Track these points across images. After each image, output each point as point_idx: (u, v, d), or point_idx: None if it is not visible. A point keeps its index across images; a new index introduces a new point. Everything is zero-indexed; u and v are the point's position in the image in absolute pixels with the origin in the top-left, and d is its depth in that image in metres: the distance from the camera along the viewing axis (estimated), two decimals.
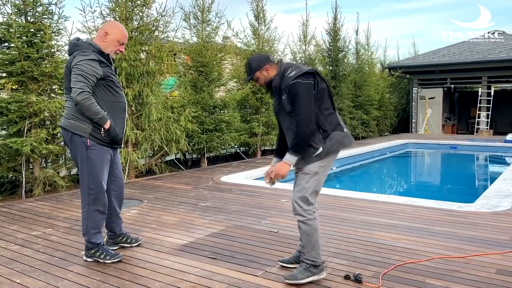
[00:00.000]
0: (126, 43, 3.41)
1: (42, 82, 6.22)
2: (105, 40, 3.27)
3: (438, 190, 8.26)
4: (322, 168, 2.85)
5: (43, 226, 4.31)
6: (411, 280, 2.91)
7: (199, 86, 9.01)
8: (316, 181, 2.84)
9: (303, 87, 2.71)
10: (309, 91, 2.71)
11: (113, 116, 3.25)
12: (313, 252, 2.84)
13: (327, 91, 2.86)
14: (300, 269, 2.87)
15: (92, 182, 3.19)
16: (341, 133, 2.84)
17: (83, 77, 3.05)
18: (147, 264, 3.26)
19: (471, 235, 3.88)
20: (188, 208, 5.00)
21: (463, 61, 16.07)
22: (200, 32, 9.26)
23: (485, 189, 6.74)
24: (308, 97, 2.71)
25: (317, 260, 2.85)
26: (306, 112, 2.70)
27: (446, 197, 6.79)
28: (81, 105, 3.05)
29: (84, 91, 3.04)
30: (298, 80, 2.71)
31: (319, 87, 2.78)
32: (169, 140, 7.86)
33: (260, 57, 2.95)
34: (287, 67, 2.86)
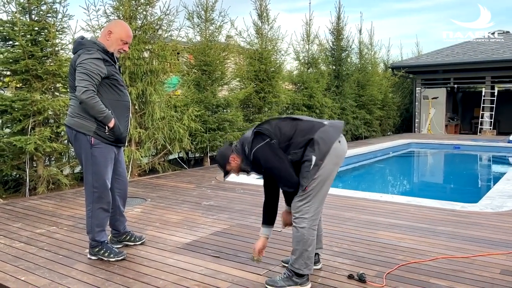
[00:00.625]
0: (130, 42, 3.42)
1: (46, 81, 6.24)
2: (108, 39, 3.28)
3: (441, 190, 8.24)
4: (320, 172, 2.68)
5: (47, 224, 4.32)
6: (415, 280, 2.91)
7: (202, 85, 9.02)
8: (316, 187, 2.70)
9: (262, 153, 2.67)
10: (267, 151, 2.66)
11: (117, 114, 3.25)
12: (300, 261, 2.71)
13: (279, 119, 2.82)
14: (283, 276, 2.79)
15: (96, 180, 3.20)
16: (322, 129, 2.71)
17: (88, 76, 3.06)
18: (151, 262, 3.27)
19: (475, 235, 3.88)
20: (191, 206, 5.00)
21: (466, 61, 16.03)
22: (204, 31, 9.26)
23: (489, 189, 6.73)
24: (272, 156, 2.66)
25: (303, 270, 2.72)
26: (281, 171, 2.67)
27: (449, 197, 6.77)
28: (85, 103, 3.06)
29: (89, 90, 3.05)
30: (253, 152, 2.69)
31: (272, 130, 2.73)
32: (172, 139, 7.87)
33: (219, 154, 2.93)
34: (243, 146, 2.82)
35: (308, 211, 2.71)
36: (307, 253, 2.70)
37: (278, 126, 2.75)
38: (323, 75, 12.43)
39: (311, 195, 2.70)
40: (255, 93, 10.17)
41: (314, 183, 2.68)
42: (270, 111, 10.41)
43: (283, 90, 10.88)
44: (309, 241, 2.69)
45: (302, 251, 2.70)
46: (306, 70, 12.43)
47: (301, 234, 2.70)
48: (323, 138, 2.67)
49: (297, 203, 2.75)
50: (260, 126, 2.78)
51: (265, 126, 2.77)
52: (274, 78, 10.40)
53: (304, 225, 2.70)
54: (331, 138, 2.69)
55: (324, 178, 2.69)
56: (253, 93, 10.10)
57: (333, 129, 2.75)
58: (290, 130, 2.73)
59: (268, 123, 2.80)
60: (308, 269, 2.73)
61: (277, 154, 2.67)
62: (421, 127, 17.61)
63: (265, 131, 2.72)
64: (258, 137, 2.72)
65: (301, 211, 2.72)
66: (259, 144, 2.68)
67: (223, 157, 2.88)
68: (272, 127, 2.75)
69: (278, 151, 2.67)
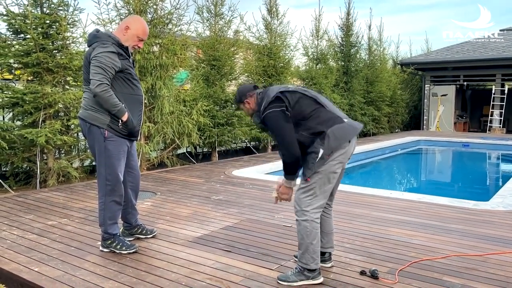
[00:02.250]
0: (145, 39, 3.41)
1: (57, 74, 6.26)
2: (125, 34, 3.27)
3: (451, 188, 8.20)
4: (325, 166, 2.67)
5: (58, 216, 4.35)
6: (428, 277, 2.90)
7: (211, 80, 9.01)
8: (320, 180, 2.69)
9: (272, 119, 2.68)
10: (279, 119, 2.66)
11: (131, 108, 3.26)
12: (306, 255, 2.71)
13: (305, 96, 2.76)
14: (294, 271, 2.78)
15: (109, 173, 3.21)
16: (339, 126, 2.68)
17: (102, 69, 3.06)
18: (162, 255, 3.28)
19: (487, 233, 3.85)
20: (201, 201, 5.01)
21: (477, 58, 15.87)
22: (213, 25, 9.25)
23: (499, 187, 6.68)
24: (281, 125, 2.66)
25: (310, 265, 2.71)
26: (284, 139, 2.66)
27: (459, 195, 6.74)
28: (99, 97, 3.07)
29: (103, 83, 3.05)
30: (266, 113, 2.70)
31: (292, 102, 2.71)
32: (181, 134, 7.88)
33: (242, 89, 2.94)
34: (261, 98, 2.81)
35: (310, 204, 2.71)
36: (313, 247, 2.70)
37: (299, 101, 2.72)
38: (332, 71, 12.37)
39: (314, 187, 2.70)
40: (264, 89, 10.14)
41: (317, 176, 2.68)
42: None
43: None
44: (313, 234, 2.70)
45: (307, 245, 2.71)
46: (315, 65, 12.38)
47: (304, 227, 2.71)
48: (336, 134, 2.65)
49: (300, 195, 2.75)
50: (285, 92, 2.74)
51: (288, 94, 2.73)
52: (283, 73, 10.37)
53: (306, 218, 2.71)
54: (343, 136, 2.68)
55: (328, 173, 2.68)
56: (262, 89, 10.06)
57: (349, 128, 2.72)
58: (308, 111, 2.71)
59: (293, 93, 2.76)
60: (315, 264, 2.73)
61: (286, 123, 2.66)
62: (429, 124, 17.48)
63: (285, 99, 2.70)
64: (277, 100, 2.69)
65: (303, 203, 2.73)
66: (274, 108, 2.67)
67: (241, 94, 2.90)
68: (294, 99, 2.72)
69: (288, 121, 2.67)
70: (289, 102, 2.70)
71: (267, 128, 2.78)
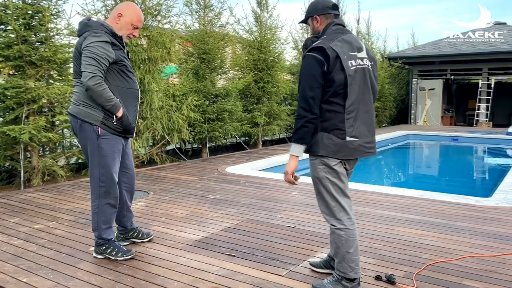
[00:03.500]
0: (140, 27, 3.16)
1: (40, 67, 5.94)
2: (118, 22, 3.02)
3: (447, 183, 8.12)
4: (326, 170, 2.45)
5: (45, 219, 4.08)
6: (447, 281, 2.74)
7: (201, 73, 8.75)
8: (328, 184, 2.47)
9: (309, 62, 2.35)
10: (314, 69, 2.33)
11: (126, 103, 3.01)
12: (344, 264, 2.47)
13: (341, 87, 2.37)
14: (331, 280, 2.56)
15: (103, 174, 2.97)
16: (332, 139, 2.40)
17: (95, 60, 2.81)
18: (162, 261, 3.05)
19: (497, 231, 3.72)
20: (196, 200, 4.79)
21: (464, 52, 15.92)
22: (202, 18, 8.97)
23: (495, 182, 6.62)
24: (311, 75, 2.34)
25: (349, 273, 2.47)
26: (305, 90, 2.36)
27: (457, 190, 6.65)
28: (92, 90, 2.81)
29: (96, 76, 2.79)
30: (308, 54, 2.37)
31: (329, 76, 2.35)
32: (170, 129, 7.63)
33: (318, 2, 2.53)
34: (326, 33, 2.46)
35: (335, 210, 2.49)
36: (349, 256, 2.46)
37: (336, 88, 2.39)
38: None
39: (322, 191, 2.50)
40: (254, 83, 9.93)
41: (326, 181, 2.47)
42: (269, 102, 10.17)
43: (282, 80, 10.65)
44: (349, 242, 2.47)
45: (343, 254, 2.47)
46: None
47: (338, 235, 2.49)
48: (326, 143, 2.43)
49: (320, 205, 2.57)
50: (341, 62, 2.36)
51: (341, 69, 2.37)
52: (274, 67, 10.16)
53: (340, 226, 2.49)
54: (333, 153, 2.44)
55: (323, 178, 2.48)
56: (252, 83, 9.86)
57: (342, 151, 2.45)
58: (335, 99, 2.39)
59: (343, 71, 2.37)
60: (355, 273, 2.48)
61: (316, 76, 2.34)
62: (417, 118, 17.51)
63: (330, 55, 2.32)
64: (323, 52, 2.33)
65: (326, 210, 2.54)
66: (316, 54, 2.34)
67: (313, 9, 2.53)
68: (333, 79, 2.37)
69: (321, 78, 2.34)
70: (329, 72, 2.35)
71: (299, 70, 2.47)
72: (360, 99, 2.43)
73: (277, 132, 10.75)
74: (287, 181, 2.55)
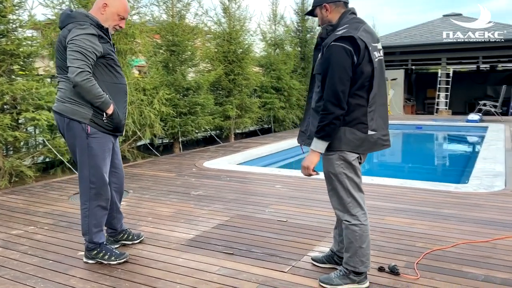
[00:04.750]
0: (127, 17, 2.99)
1: (2, 62, 5.56)
2: (103, 13, 2.83)
3: (420, 171, 8.33)
4: (344, 166, 2.40)
5: (22, 223, 3.84)
6: (448, 269, 2.78)
7: (171, 66, 8.52)
8: (345, 180, 2.44)
9: (338, 54, 2.22)
10: (345, 58, 2.23)
11: (115, 99, 2.85)
12: (355, 258, 2.45)
13: (368, 79, 2.32)
14: (339, 274, 2.53)
15: (93, 175, 2.80)
16: (355, 133, 2.35)
17: (82, 55, 2.63)
18: (158, 263, 2.93)
19: (482, 217, 3.84)
20: (180, 197, 4.66)
21: (424, 42, 16.38)
22: (170, 9, 8.71)
23: (466, 168, 6.86)
24: (342, 68, 2.23)
25: (359, 268, 2.46)
26: (335, 83, 2.23)
27: (430, 177, 6.84)
28: (80, 87, 2.64)
29: (84, 71, 2.62)
30: (337, 44, 2.24)
31: (358, 68, 2.27)
32: (142, 125, 7.39)
33: None
34: (346, 22, 2.35)
35: (350, 206, 2.47)
36: (362, 251, 2.44)
37: (363, 79, 2.31)
38: (290, 57, 12.21)
39: (338, 187, 2.46)
40: (225, 75, 9.79)
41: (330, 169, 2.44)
42: (240, 94, 10.07)
43: (253, 72, 10.57)
44: (363, 238, 2.44)
45: (356, 249, 2.44)
46: (273, 51, 12.15)
47: (352, 231, 2.44)
48: (348, 139, 2.39)
49: (332, 201, 2.53)
50: (369, 53, 2.30)
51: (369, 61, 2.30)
52: (244, 59, 10.05)
53: (355, 222, 2.46)
54: (355, 147, 2.40)
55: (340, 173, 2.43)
56: (223, 75, 9.72)
57: (364, 146, 2.42)
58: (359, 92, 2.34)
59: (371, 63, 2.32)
60: (365, 266, 2.47)
61: (347, 69, 2.24)
62: None
63: (359, 45, 2.24)
64: (351, 42, 2.24)
65: (339, 206, 2.50)
66: (345, 44, 2.23)
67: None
68: (361, 71, 2.30)
69: (349, 70, 2.25)
70: (358, 64, 2.27)
71: (325, 61, 2.30)
72: (378, 92, 2.38)
73: (249, 124, 10.68)
74: (306, 175, 2.45)
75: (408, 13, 53.78)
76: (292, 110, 12.29)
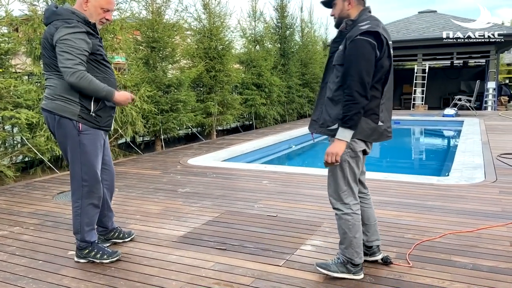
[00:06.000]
0: (113, 9, 2.94)
1: None
2: (86, 8, 2.78)
3: (401, 165, 8.49)
4: (350, 154, 2.46)
5: (6, 224, 3.75)
6: (437, 259, 2.86)
7: (151, 63, 8.43)
8: (346, 168, 2.48)
9: (365, 47, 2.29)
10: (371, 52, 2.30)
11: None
12: (350, 249, 2.50)
13: (385, 73, 2.42)
14: (336, 261, 2.58)
15: (86, 172, 2.76)
16: (369, 123, 2.42)
17: (72, 54, 2.57)
18: (152, 261, 2.91)
19: (465, 208, 3.95)
20: (167, 195, 4.63)
21: (400, 38, 16.66)
22: (151, 5, 8.61)
23: (446, 161, 7.03)
24: (368, 60, 2.30)
25: (355, 259, 2.51)
26: (363, 75, 2.29)
27: (412, 171, 6.99)
28: (77, 86, 2.59)
29: (78, 71, 2.57)
30: (363, 37, 2.29)
31: (379, 62, 2.35)
32: (124, 122, 7.30)
33: None
34: (366, 18, 2.40)
35: (345, 195, 2.50)
36: (356, 241, 2.49)
37: (380, 73, 2.40)
38: (270, 53, 12.25)
39: (338, 173, 2.50)
40: (206, 72, 9.75)
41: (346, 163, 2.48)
42: (221, 91, 10.04)
43: (234, 69, 10.55)
44: (356, 227, 2.49)
45: (350, 239, 2.49)
46: (253, 48, 12.15)
47: (345, 220, 2.49)
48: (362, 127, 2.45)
49: (329, 189, 2.56)
50: (389, 49, 2.41)
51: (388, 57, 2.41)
52: (225, 56, 10.02)
53: (348, 211, 2.50)
54: (366, 136, 2.49)
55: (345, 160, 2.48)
56: (204, 72, 9.67)
57: (374, 135, 2.50)
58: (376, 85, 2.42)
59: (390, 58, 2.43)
60: (360, 258, 2.52)
61: (371, 61, 2.31)
62: None
63: (382, 41, 2.33)
64: (375, 37, 2.31)
65: (334, 194, 2.53)
66: (370, 38, 2.29)
67: None
68: (381, 65, 2.38)
69: (373, 62, 2.32)
70: (379, 58, 2.35)
71: (350, 53, 2.33)
72: (389, 86, 2.48)
73: (231, 121, 10.67)
74: (329, 162, 2.40)
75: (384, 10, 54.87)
76: (273, 106, 12.34)
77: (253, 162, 7.28)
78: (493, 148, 7.21)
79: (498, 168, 5.66)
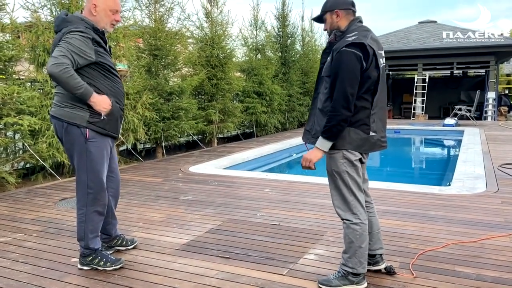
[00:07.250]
0: (120, 10, 2.95)
1: None
2: (95, 14, 2.80)
3: (402, 174, 8.49)
4: (347, 164, 2.48)
5: (9, 230, 3.74)
6: (441, 269, 2.86)
7: (154, 70, 8.46)
8: (347, 178, 2.50)
9: (349, 59, 2.31)
10: (355, 64, 2.32)
11: (119, 103, 2.84)
12: (354, 259, 2.50)
13: (373, 84, 2.42)
14: (337, 276, 2.58)
15: (91, 180, 2.77)
16: (359, 134, 2.44)
17: (65, 49, 2.56)
18: (155, 268, 2.91)
19: (468, 218, 3.95)
20: (169, 202, 4.63)
21: (401, 48, 16.76)
22: (153, 13, 8.67)
23: (448, 170, 7.03)
24: (352, 72, 2.32)
25: (357, 269, 2.50)
26: (346, 88, 2.32)
27: (412, 180, 6.99)
28: (56, 78, 2.53)
29: (62, 63, 2.52)
30: (348, 49, 2.32)
31: (366, 73, 2.36)
32: (125, 129, 7.32)
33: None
34: (354, 29, 2.44)
35: (352, 205, 2.51)
36: (361, 250, 2.50)
37: (368, 84, 2.41)
38: (272, 62, 12.30)
39: (341, 185, 2.52)
40: (207, 80, 9.79)
41: (344, 174, 2.50)
42: (223, 99, 10.08)
43: (235, 77, 10.59)
44: (363, 237, 2.50)
45: (356, 249, 2.49)
46: (254, 56, 12.21)
47: (353, 230, 2.50)
48: (353, 138, 2.48)
49: (334, 200, 2.57)
50: (376, 59, 2.41)
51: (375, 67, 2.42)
52: (227, 64, 10.07)
53: (350, 218, 2.51)
54: (356, 147, 2.50)
55: (343, 172, 2.50)
56: (206, 80, 9.71)
57: (366, 145, 2.52)
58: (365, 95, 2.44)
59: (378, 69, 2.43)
60: (363, 268, 2.52)
61: (356, 74, 2.33)
62: None
63: (368, 52, 2.34)
64: (361, 48, 2.33)
65: (342, 205, 2.55)
66: (355, 50, 2.32)
67: (335, 3, 2.51)
68: (368, 76, 2.39)
69: (358, 75, 2.34)
70: (366, 68, 2.37)
71: (335, 64, 2.38)
72: (379, 96, 2.47)
73: (232, 129, 10.69)
74: (305, 167, 2.51)
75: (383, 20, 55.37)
76: (274, 114, 12.37)
77: (254, 170, 7.29)
78: (494, 158, 7.22)
79: (500, 178, 5.67)
